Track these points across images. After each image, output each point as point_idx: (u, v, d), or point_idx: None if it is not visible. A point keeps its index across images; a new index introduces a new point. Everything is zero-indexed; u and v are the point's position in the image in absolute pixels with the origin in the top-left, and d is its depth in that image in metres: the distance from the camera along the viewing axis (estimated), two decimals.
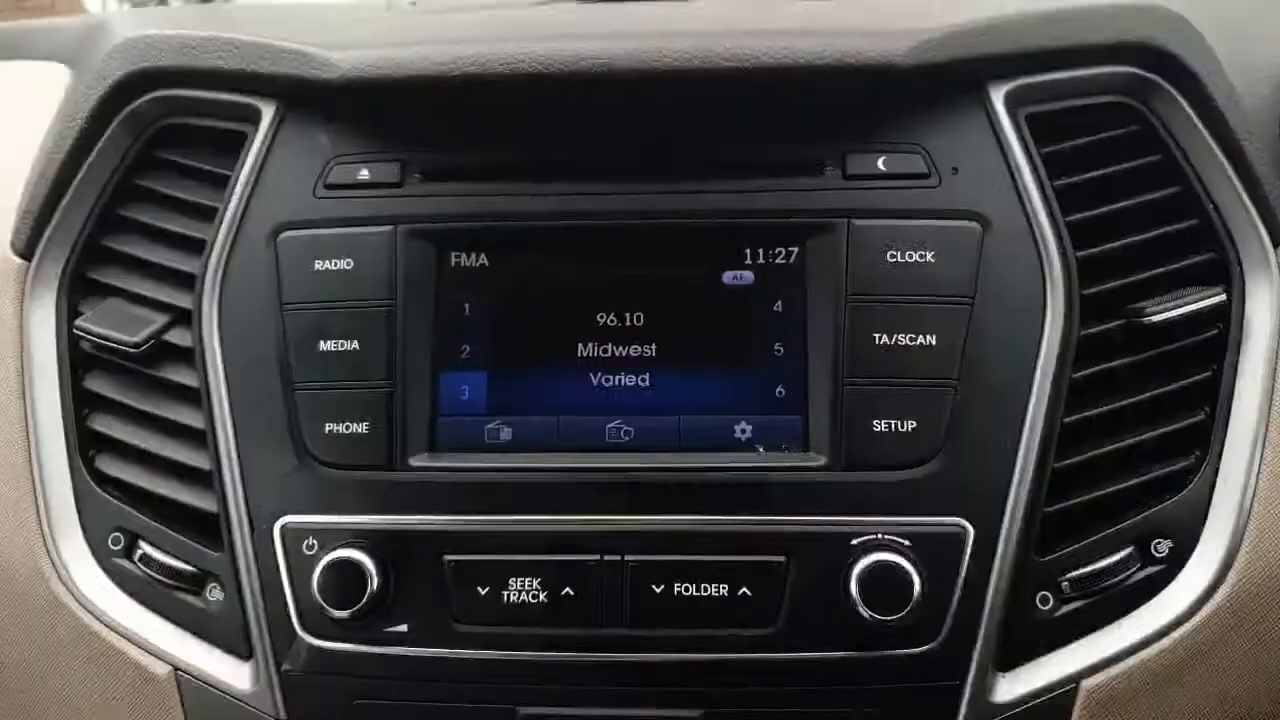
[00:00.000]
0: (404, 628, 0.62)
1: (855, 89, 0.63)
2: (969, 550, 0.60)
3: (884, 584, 0.59)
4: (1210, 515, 0.63)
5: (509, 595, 0.61)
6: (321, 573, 0.61)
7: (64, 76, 0.79)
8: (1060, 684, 0.61)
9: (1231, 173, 0.65)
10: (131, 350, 0.68)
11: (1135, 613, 0.63)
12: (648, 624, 0.61)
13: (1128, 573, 0.62)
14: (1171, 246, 0.66)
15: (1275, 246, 0.65)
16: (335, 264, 0.64)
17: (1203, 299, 0.64)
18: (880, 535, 0.60)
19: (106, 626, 0.66)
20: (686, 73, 0.60)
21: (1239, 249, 0.65)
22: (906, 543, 0.60)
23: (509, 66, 0.61)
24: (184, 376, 0.67)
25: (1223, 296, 0.65)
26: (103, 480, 0.68)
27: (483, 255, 0.65)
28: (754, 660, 0.61)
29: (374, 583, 0.60)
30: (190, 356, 0.67)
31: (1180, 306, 0.64)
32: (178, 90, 0.69)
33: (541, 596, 0.61)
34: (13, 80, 0.82)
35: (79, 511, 0.68)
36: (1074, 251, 0.64)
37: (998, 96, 0.64)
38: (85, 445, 0.69)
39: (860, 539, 0.60)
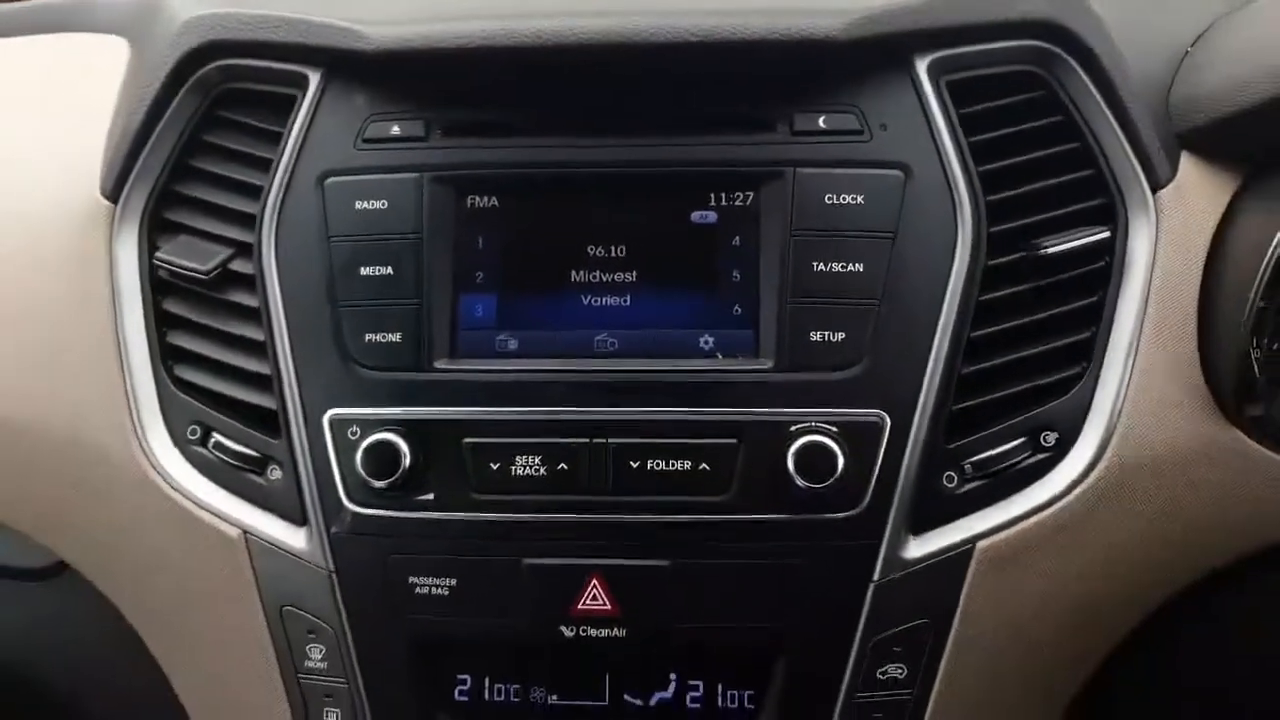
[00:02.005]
0: (431, 496, 0.74)
1: (801, 59, 0.74)
2: (886, 436, 0.73)
3: (815, 460, 0.71)
4: (1090, 413, 0.75)
5: (516, 469, 0.74)
6: (363, 453, 0.73)
7: (123, 47, 0.90)
8: (960, 545, 0.74)
9: (1119, 132, 0.76)
10: (202, 277, 0.79)
11: (1024, 491, 0.75)
12: (626, 492, 0.73)
13: (1020, 458, 0.74)
14: (1068, 193, 0.77)
15: (1153, 193, 0.76)
16: (372, 204, 0.76)
17: (1089, 235, 0.76)
18: (814, 423, 0.72)
19: (189, 500, 0.78)
20: (657, 46, 0.71)
21: (1124, 195, 0.76)
22: (835, 429, 0.72)
23: (511, 41, 0.72)
24: (246, 298, 0.79)
25: (1107, 234, 0.76)
26: (180, 384, 0.80)
27: (494, 198, 0.77)
28: (711, 521, 0.73)
29: (406, 460, 0.73)
30: (251, 282, 0.78)
31: (1069, 241, 0.76)
32: (238, 60, 0.79)
33: (542, 470, 0.73)
34: (76, 50, 0.92)
35: (162, 409, 0.80)
36: (983, 196, 0.75)
37: (922, 66, 0.75)
38: (165, 356, 0.80)
39: (797, 425, 0.72)
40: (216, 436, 0.79)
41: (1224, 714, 0.88)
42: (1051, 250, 0.76)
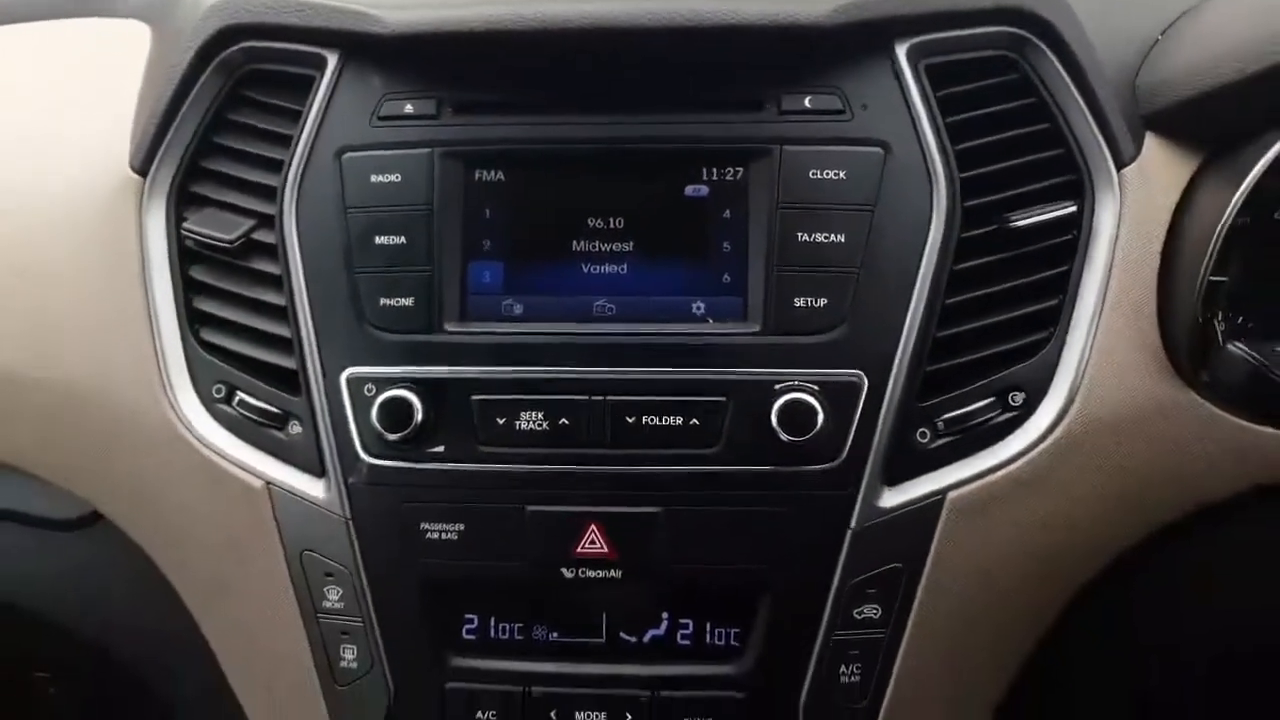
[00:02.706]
0: (441, 448, 0.80)
1: (789, 44, 0.79)
2: (864, 395, 0.78)
3: (797, 416, 0.76)
4: (1055, 376, 0.80)
5: (520, 424, 0.79)
6: (378, 408, 0.78)
7: (144, 32, 0.95)
8: (931, 495, 0.79)
9: (1087, 113, 0.81)
10: (227, 246, 0.84)
11: (992, 447, 0.80)
12: (623, 445, 0.79)
13: (989, 416, 0.80)
14: (1038, 170, 0.82)
15: (1118, 171, 0.81)
16: (386, 177, 0.81)
17: (1057, 210, 0.81)
18: (796, 381, 0.77)
19: (215, 453, 0.83)
20: (654, 31, 0.76)
21: (1091, 172, 0.81)
22: (816, 388, 0.77)
23: (517, 25, 0.77)
24: (268, 266, 0.84)
25: (1074, 209, 0.81)
26: (206, 346, 0.85)
27: (500, 172, 0.82)
28: (700, 472, 0.79)
29: (418, 415, 0.78)
30: (273, 251, 0.83)
31: (1038, 215, 0.81)
32: (260, 42, 0.84)
33: (544, 425, 0.79)
34: (98, 34, 0.97)
35: (189, 370, 0.85)
36: (958, 173, 0.80)
37: (902, 50, 0.80)
38: (192, 320, 0.86)
39: (781, 384, 0.77)
40: (240, 395, 0.84)
41: (1177, 667, 0.94)
42: (1021, 224, 0.81)
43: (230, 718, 0.89)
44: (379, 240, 0.81)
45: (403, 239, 0.81)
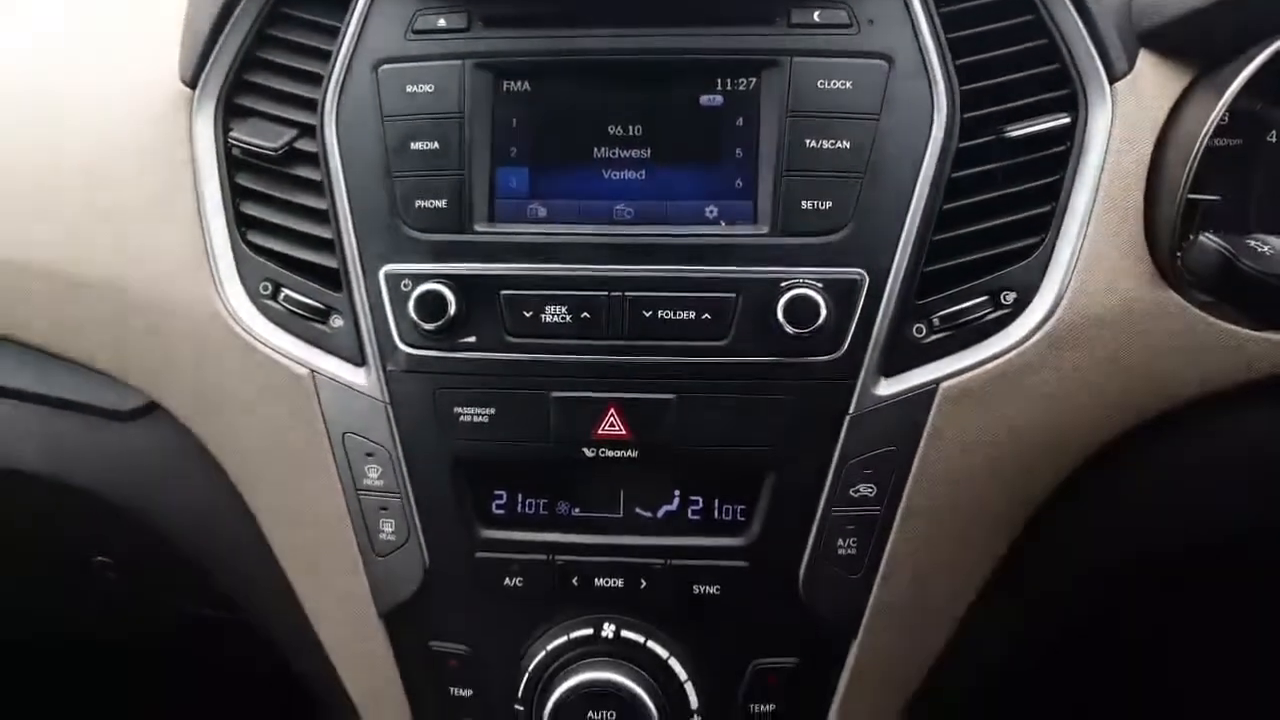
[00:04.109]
0: (472, 339, 0.86)
1: None
2: (864, 292, 0.84)
3: (802, 310, 0.82)
4: (1045, 277, 0.85)
5: (545, 317, 0.85)
6: (414, 301, 0.84)
7: None
8: (925, 385, 0.85)
9: (1083, 30, 0.85)
10: (271, 154, 0.90)
11: (984, 342, 0.85)
12: (640, 337, 0.85)
13: (982, 313, 0.85)
14: (1035, 84, 0.86)
15: (1110, 84, 0.85)
16: (421, 88, 0.87)
17: (1051, 121, 0.86)
18: (802, 279, 0.83)
19: (264, 345, 0.90)
20: None
21: (1084, 85, 0.86)
22: (820, 285, 0.83)
23: None
24: (310, 173, 0.90)
25: (1068, 120, 0.86)
26: (254, 248, 0.92)
27: (526, 82, 0.87)
28: (711, 362, 0.85)
29: (451, 308, 0.84)
30: (315, 159, 0.89)
31: (1033, 126, 0.86)
32: None
33: (567, 318, 0.85)
34: None
35: (238, 270, 0.91)
36: (958, 86, 0.85)
37: None
38: (239, 223, 0.92)
39: (787, 282, 0.83)
40: (286, 291, 0.91)
41: (1150, 556, 1.00)
42: (1016, 134, 0.86)
43: (280, 594, 0.97)
44: (414, 146, 0.87)
45: (436, 145, 0.86)
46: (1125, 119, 0.86)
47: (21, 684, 1.71)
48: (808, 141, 0.84)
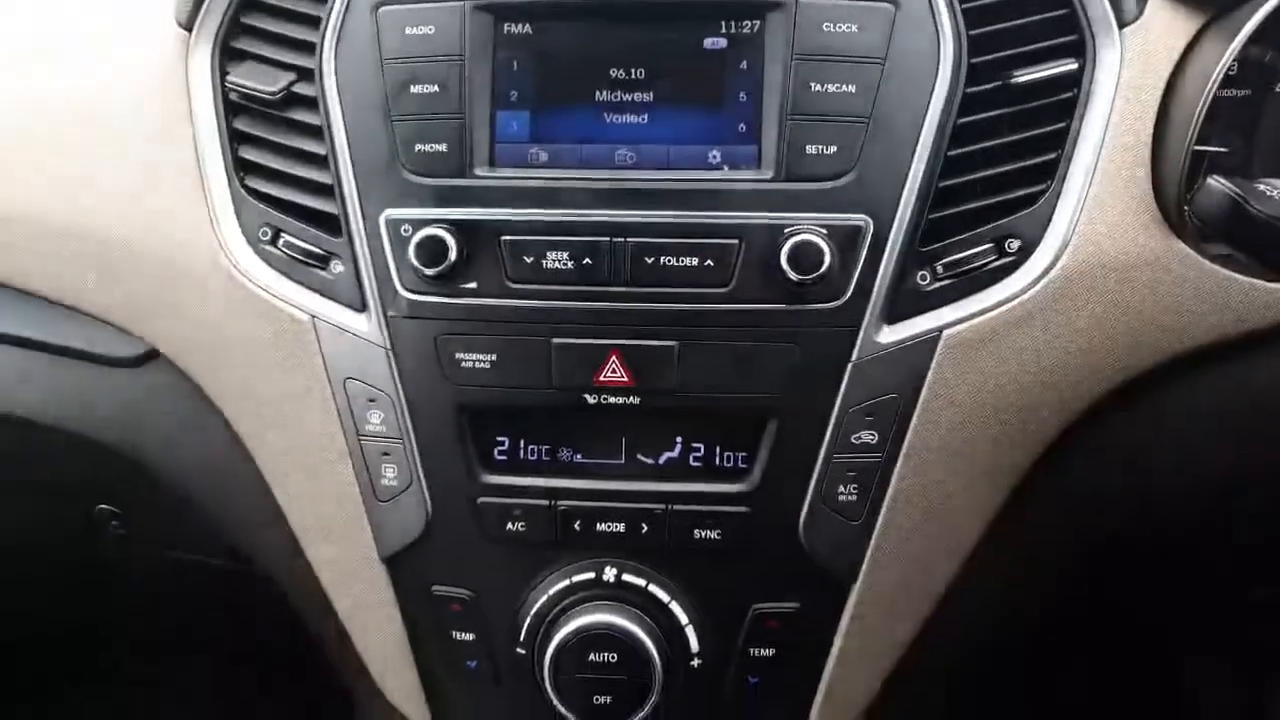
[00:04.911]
0: (473, 284, 0.85)
1: None
2: (868, 239, 0.83)
3: (805, 257, 0.81)
4: (1050, 225, 0.85)
5: (546, 263, 0.84)
6: (415, 246, 0.84)
7: None
8: (928, 332, 0.84)
9: None
10: (269, 98, 0.89)
11: (987, 290, 0.85)
12: (642, 284, 0.84)
13: (986, 261, 0.85)
14: (1043, 29, 0.85)
15: (1120, 30, 0.84)
16: (421, 30, 0.85)
17: (1059, 67, 0.85)
18: (805, 225, 0.82)
19: (264, 291, 0.89)
20: None
21: (1093, 31, 0.85)
22: (824, 231, 0.82)
23: None
24: (309, 117, 0.89)
25: (1075, 66, 0.85)
26: (253, 193, 0.91)
27: (527, 24, 0.85)
28: (714, 309, 0.84)
29: (452, 254, 0.83)
30: (314, 103, 0.88)
31: (1040, 71, 0.85)
32: None
33: (569, 264, 0.84)
34: None
35: (237, 215, 0.91)
36: (965, 30, 0.83)
37: None
38: (238, 169, 0.91)
39: (791, 228, 0.82)
40: (286, 237, 0.90)
41: (1144, 510, 1.01)
42: (1024, 79, 0.85)
43: (283, 540, 0.98)
44: (414, 90, 0.86)
45: (435, 88, 0.85)
46: (1134, 65, 0.85)
47: (23, 634, 1.73)
48: (812, 85, 0.83)
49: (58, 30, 0.99)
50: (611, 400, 0.86)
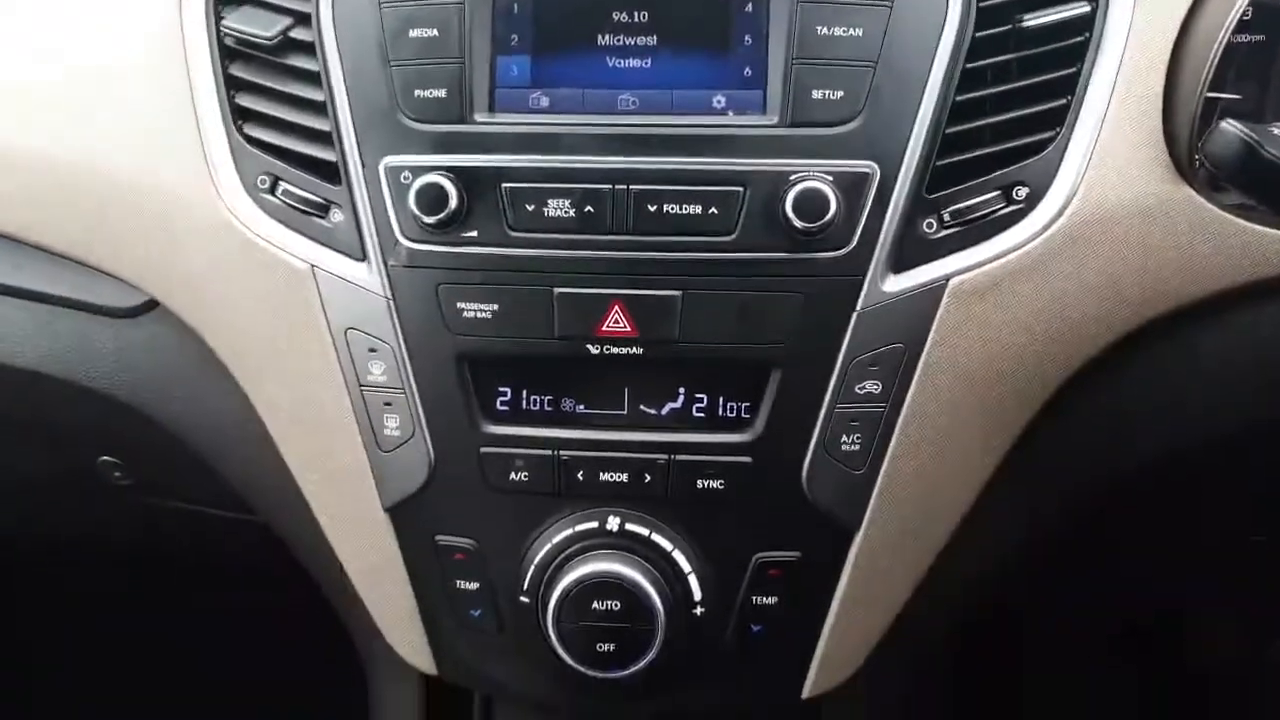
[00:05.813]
0: (474, 233, 0.84)
1: None
2: (875, 185, 0.82)
3: (810, 204, 0.80)
4: (1059, 172, 0.83)
5: (547, 211, 0.83)
6: (415, 194, 0.82)
7: None
8: (934, 281, 0.83)
9: None
10: (266, 43, 0.87)
11: (995, 238, 0.84)
12: (645, 232, 0.83)
13: (993, 209, 0.83)
14: None
15: None
16: None
17: (1070, 10, 0.83)
18: (811, 171, 0.81)
19: (263, 240, 0.88)
20: None
21: None
22: (830, 178, 0.81)
23: None
24: (306, 63, 0.87)
25: (1087, 9, 0.83)
26: (251, 141, 0.89)
27: None
28: (718, 258, 0.83)
29: (452, 201, 0.82)
30: (311, 48, 0.86)
31: (1050, 15, 0.83)
32: None
33: (570, 212, 0.83)
34: None
35: (235, 163, 0.89)
36: None
37: None
38: (235, 116, 0.90)
39: (796, 174, 0.81)
40: (284, 185, 0.89)
41: (1144, 461, 1.01)
42: (1034, 23, 0.83)
43: (286, 491, 0.98)
44: (412, 34, 0.84)
45: (435, 32, 0.84)
46: (1146, 9, 0.83)
47: (28, 587, 1.75)
48: (819, 28, 0.81)
49: None
50: (614, 351, 0.86)
